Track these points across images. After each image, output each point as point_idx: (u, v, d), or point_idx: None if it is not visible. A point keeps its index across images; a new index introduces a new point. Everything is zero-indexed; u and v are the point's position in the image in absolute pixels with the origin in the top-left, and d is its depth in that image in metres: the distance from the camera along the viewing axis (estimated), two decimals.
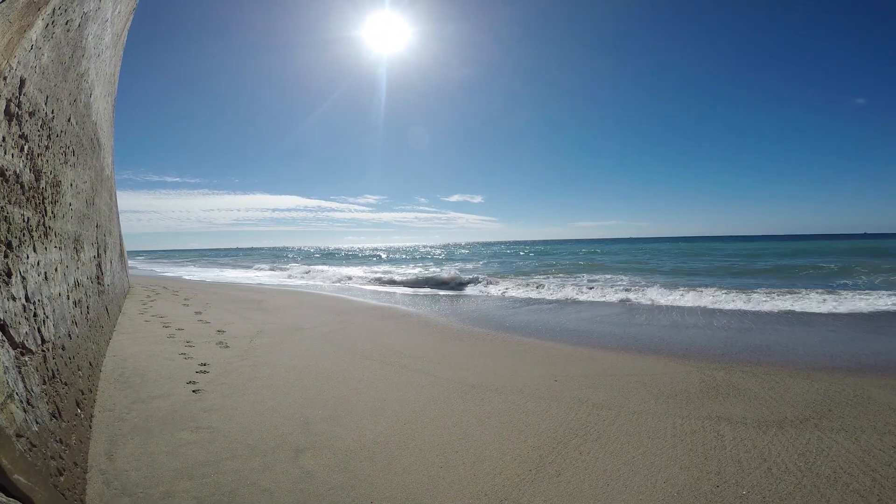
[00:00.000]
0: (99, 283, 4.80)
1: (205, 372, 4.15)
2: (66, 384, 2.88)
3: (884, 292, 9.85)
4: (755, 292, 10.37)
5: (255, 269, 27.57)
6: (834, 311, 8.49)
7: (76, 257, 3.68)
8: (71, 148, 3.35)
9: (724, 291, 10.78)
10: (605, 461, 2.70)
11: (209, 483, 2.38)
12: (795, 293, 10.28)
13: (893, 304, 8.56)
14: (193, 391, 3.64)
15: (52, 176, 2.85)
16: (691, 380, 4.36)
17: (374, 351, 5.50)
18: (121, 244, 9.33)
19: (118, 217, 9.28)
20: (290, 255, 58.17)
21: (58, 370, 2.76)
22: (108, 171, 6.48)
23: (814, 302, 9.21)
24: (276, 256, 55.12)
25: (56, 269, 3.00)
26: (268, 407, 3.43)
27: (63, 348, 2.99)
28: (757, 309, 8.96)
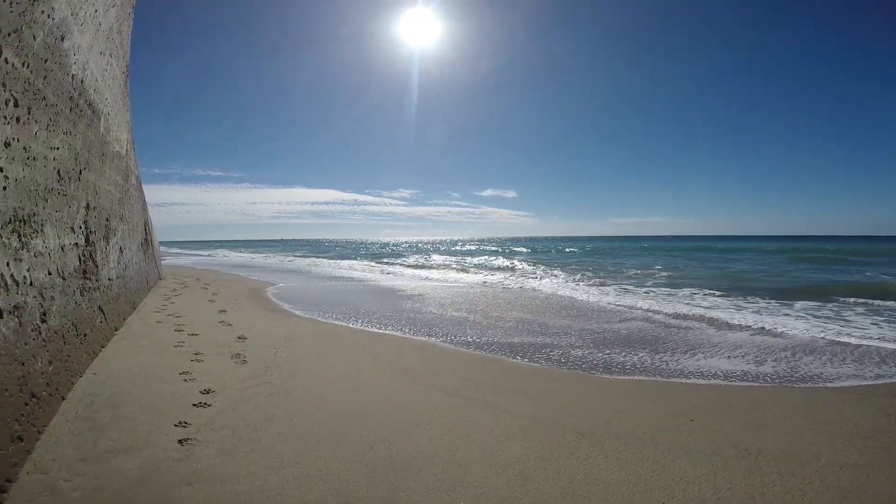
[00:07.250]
0: (85, 278, 3.75)
1: (205, 405, 2.94)
2: None
3: None
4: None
5: None
6: None
7: (21, 244, 2.55)
8: (12, 97, 2.22)
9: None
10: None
11: None
12: None
13: None
14: (180, 441, 2.43)
15: None
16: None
17: (445, 373, 4.16)
18: (147, 232, 8.50)
19: (143, 203, 8.46)
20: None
21: None
22: (119, 147, 5.51)
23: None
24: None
25: None
26: (286, 477, 2.16)
27: None
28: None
